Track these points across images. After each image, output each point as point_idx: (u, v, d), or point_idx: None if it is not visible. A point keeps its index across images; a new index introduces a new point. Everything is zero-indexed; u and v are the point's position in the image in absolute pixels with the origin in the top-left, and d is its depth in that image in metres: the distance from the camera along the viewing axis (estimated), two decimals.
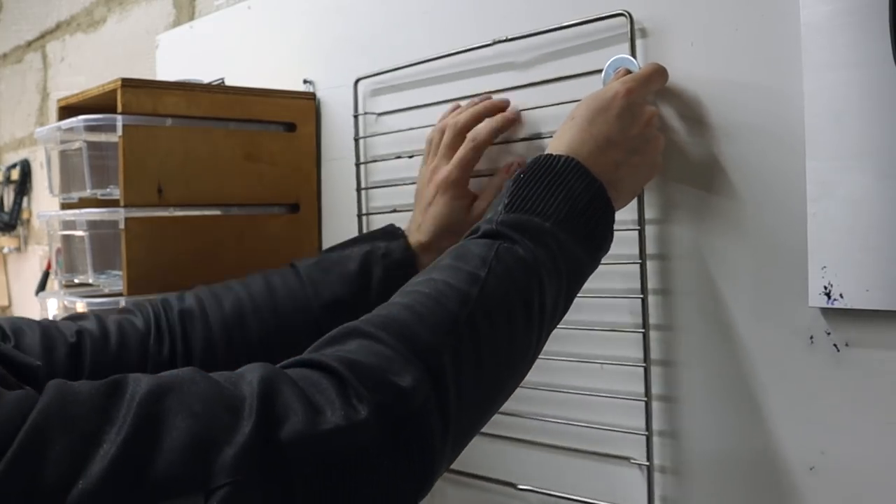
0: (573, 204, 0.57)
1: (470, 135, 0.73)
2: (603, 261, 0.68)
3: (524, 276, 0.53)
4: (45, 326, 0.64)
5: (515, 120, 0.74)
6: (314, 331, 0.68)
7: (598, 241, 0.58)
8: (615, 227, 0.59)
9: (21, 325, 0.64)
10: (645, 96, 0.63)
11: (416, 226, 0.76)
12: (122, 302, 0.80)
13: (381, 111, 0.89)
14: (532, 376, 0.74)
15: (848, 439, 0.56)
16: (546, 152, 0.61)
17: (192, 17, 1.45)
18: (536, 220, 0.56)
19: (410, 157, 0.85)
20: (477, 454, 0.81)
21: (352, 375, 0.42)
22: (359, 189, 0.91)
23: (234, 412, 0.38)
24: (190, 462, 0.36)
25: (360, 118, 0.91)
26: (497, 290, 0.51)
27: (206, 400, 0.39)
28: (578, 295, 0.58)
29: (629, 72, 0.64)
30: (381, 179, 0.90)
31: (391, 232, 0.78)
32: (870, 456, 0.54)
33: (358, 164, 0.92)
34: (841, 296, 0.55)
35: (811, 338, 0.57)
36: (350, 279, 0.73)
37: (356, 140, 0.91)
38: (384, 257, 0.74)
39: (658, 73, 0.64)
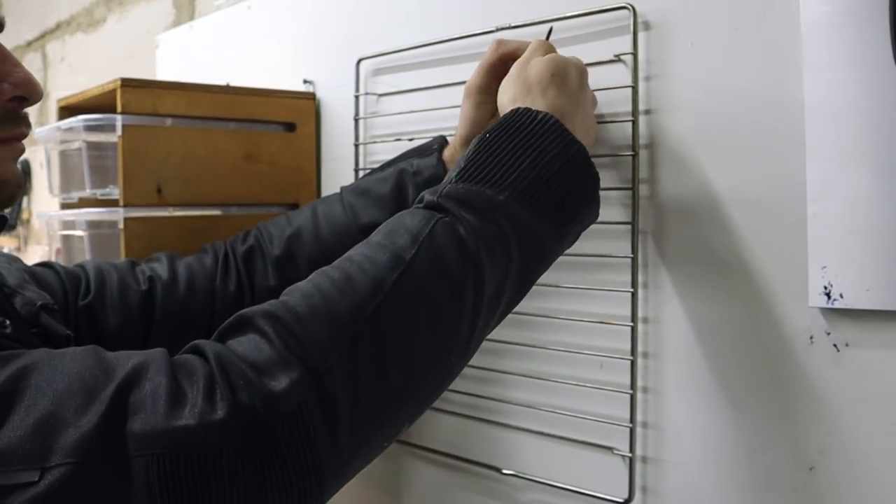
0: (540, 171, 0.49)
1: (498, 40, 0.68)
2: (596, 252, 0.68)
3: (459, 259, 0.47)
4: (122, 274, 0.71)
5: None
6: None
7: (569, 213, 0.51)
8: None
9: (104, 276, 0.70)
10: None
11: (455, 135, 0.73)
12: None
13: (381, 92, 0.89)
14: (520, 363, 0.76)
15: (848, 439, 0.55)
16: (521, 106, 0.54)
17: (192, 17, 1.45)
18: (488, 193, 0.49)
19: (410, 139, 0.84)
20: (463, 438, 0.82)
21: (222, 373, 0.40)
22: (357, 170, 0.91)
23: (90, 395, 0.38)
24: (32, 438, 0.36)
25: (361, 98, 0.91)
26: (422, 277, 0.45)
27: (71, 379, 0.39)
28: (571, 286, 0.53)
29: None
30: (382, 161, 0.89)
31: (426, 148, 0.75)
32: (870, 456, 0.54)
33: (357, 145, 0.91)
34: (841, 296, 0.54)
35: (811, 338, 0.57)
36: (385, 201, 0.73)
37: (356, 119, 0.91)
38: (415, 175, 0.73)
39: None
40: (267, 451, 0.39)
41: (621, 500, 0.68)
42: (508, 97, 0.58)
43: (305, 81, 1.01)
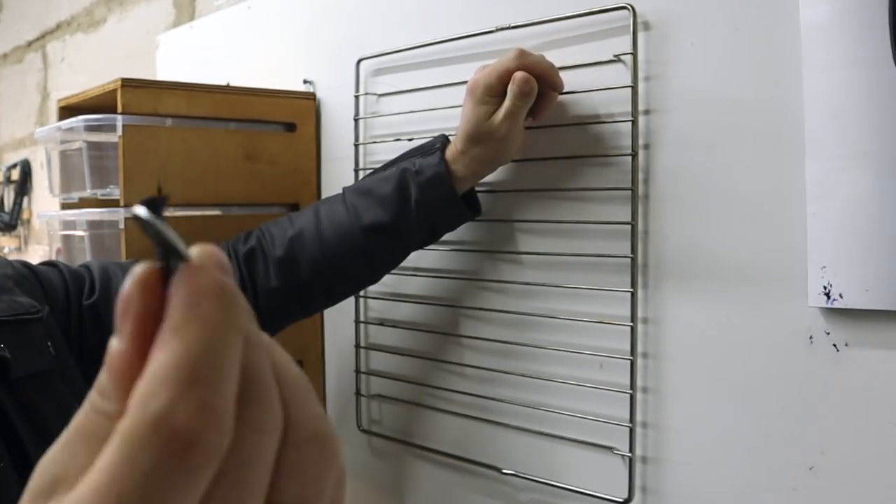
0: None
1: (521, 49, 0.67)
2: (596, 252, 0.69)
3: None
4: (128, 272, 0.69)
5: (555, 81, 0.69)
6: (358, 255, 0.75)
7: None
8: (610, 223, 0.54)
9: (110, 276, 0.70)
10: None
11: (457, 133, 0.73)
12: None
13: (381, 93, 0.89)
14: (520, 363, 0.76)
15: (848, 439, 0.56)
16: None
17: (192, 18, 1.45)
18: None
19: (410, 139, 0.84)
20: (463, 438, 0.82)
21: None
22: (357, 170, 0.91)
23: None
24: None
25: (361, 98, 0.91)
26: None
27: None
28: (571, 286, 0.53)
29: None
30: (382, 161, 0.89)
31: (428, 147, 0.75)
32: (870, 456, 0.54)
33: (357, 145, 0.91)
34: (840, 296, 0.55)
35: (811, 338, 0.57)
36: (387, 201, 0.74)
37: (356, 120, 0.91)
38: (417, 175, 0.73)
39: None
40: None
41: (621, 500, 0.68)
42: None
43: (305, 81, 1.01)
